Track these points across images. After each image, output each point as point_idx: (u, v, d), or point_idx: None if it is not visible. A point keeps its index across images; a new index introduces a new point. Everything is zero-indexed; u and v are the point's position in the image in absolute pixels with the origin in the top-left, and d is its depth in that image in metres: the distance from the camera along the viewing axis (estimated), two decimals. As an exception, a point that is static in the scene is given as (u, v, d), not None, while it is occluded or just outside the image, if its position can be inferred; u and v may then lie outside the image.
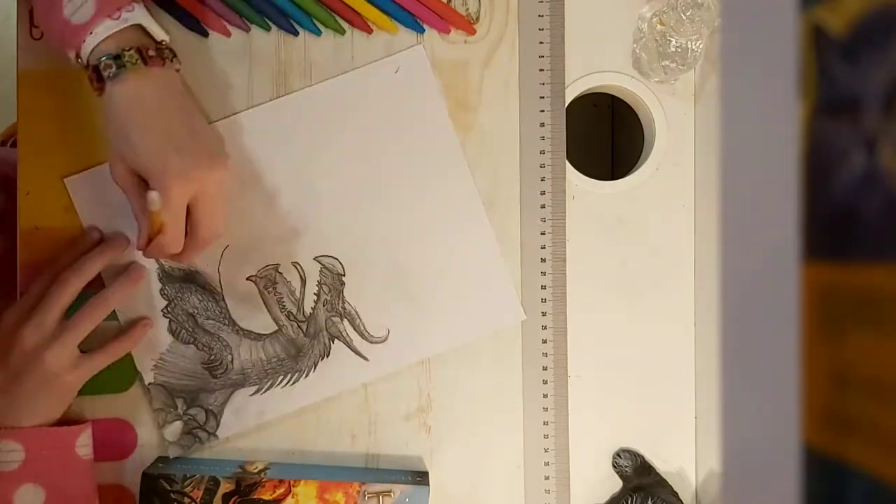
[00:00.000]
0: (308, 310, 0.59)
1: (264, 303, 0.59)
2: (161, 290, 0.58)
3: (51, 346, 0.51)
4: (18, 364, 0.51)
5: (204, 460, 0.59)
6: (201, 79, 0.58)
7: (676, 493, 0.60)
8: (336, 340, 0.59)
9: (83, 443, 0.54)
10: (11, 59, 0.58)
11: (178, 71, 0.53)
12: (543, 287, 0.60)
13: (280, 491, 0.56)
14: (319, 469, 0.59)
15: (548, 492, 0.60)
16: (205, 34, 0.58)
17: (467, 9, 0.60)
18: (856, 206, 0.16)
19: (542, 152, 0.60)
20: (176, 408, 0.58)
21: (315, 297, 0.59)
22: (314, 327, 0.59)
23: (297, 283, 0.59)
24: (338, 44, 0.60)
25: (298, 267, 0.59)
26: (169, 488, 0.56)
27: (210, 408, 0.59)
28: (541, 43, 0.60)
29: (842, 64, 0.16)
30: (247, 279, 0.59)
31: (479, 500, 0.61)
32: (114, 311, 0.57)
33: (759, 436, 0.18)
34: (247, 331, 0.59)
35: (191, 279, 0.59)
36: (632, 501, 0.58)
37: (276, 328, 0.59)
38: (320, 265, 0.59)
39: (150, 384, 0.58)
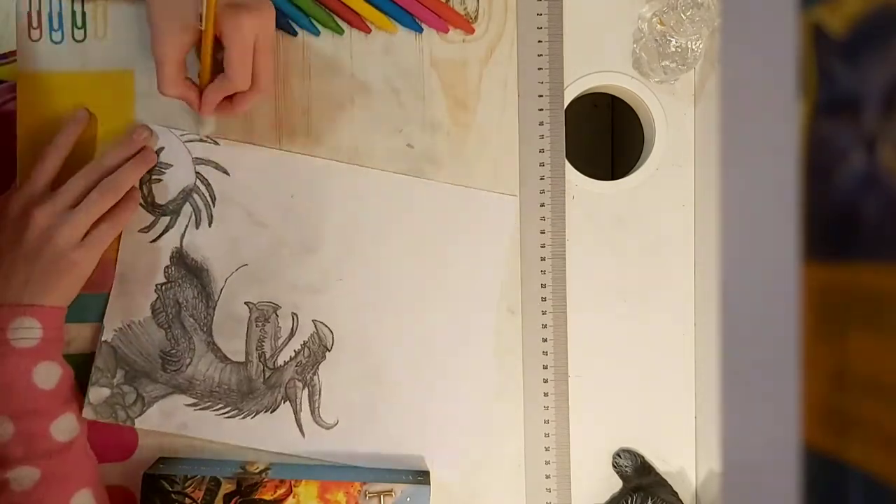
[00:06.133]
0: (280, 362, 0.59)
1: (247, 332, 0.59)
2: (166, 267, 0.59)
3: (61, 226, 0.52)
4: (31, 243, 0.52)
5: (205, 461, 0.59)
6: (201, 79, 0.58)
7: (676, 493, 0.60)
8: (287, 402, 0.59)
9: None
10: (11, 59, 0.58)
11: None
12: (543, 286, 0.60)
13: (281, 491, 0.56)
14: (320, 469, 0.59)
15: (549, 490, 0.60)
16: (204, 34, 0.58)
17: (465, 8, 0.60)
18: (856, 206, 0.16)
19: (542, 152, 0.60)
20: (113, 376, 0.58)
21: (293, 354, 0.59)
22: (276, 379, 0.59)
23: (285, 332, 0.59)
24: (336, 44, 0.60)
25: (296, 319, 0.59)
26: (170, 489, 0.56)
27: (143, 394, 0.58)
28: (539, 42, 0.60)
29: (842, 64, 0.16)
30: (245, 303, 0.59)
31: (481, 499, 0.61)
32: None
33: (759, 436, 0.18)
34: (217, 347, 0.59)
35: (196, 274, 0.59)
36: (632, 501, 0.58)
37: (243, 361, 0.59)
38: (315, 328, 0.59)
39: (104, 341, 0.58)
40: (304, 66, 0.59)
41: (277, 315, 0.59)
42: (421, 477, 0.58)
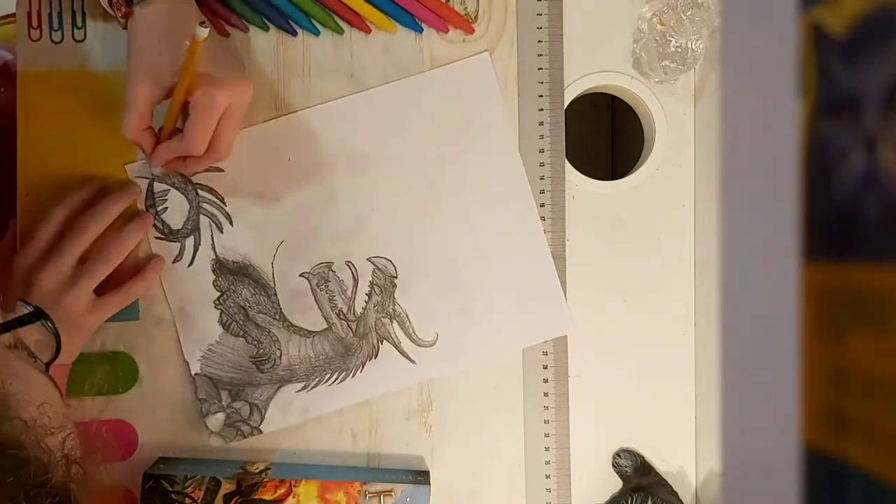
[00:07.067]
0: (359, 309, 0.60)
1: (316, 300, 0.59)
2: (214, 281, 0.59)
3: (67, 292, 0.52)
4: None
5: (205, 461, 0.59)
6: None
7: (676, 493, 0.60)
8: (385, 342, 0.60)
9: None
10: (11, 59, 0.58)
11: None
12: (543, 287, 0.60)
13: (281, 491, 0.56)
14: (320, 469, 0.59)
15: (549, 490, 0.60)
16: (204, 34, 0.58)
17: (465, 8, 0.60)
18: (856, 206, 0.16)
19: (542, 151, 0.60)
20: (220, 399, 0.59)
21: (366, 298, 0.60)
22: (363, 327, 0.60)
23: (349, 283, 0.59)
24: (336, 43, 0.60)
25: (352, 266, 0.59)
26: (170, 489, 0.56)
27: (255, 402, 0.59)
28: (539, 42, 0.60)
29: (842, 64, 0.16)
30: (300, 275, 0.59)
31: (481, 499, 0.61)
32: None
33: (759, 436, 0.18)
34: (297, 327, 0.59)
35: (244, 272, 0.59)
36: (632, 501, 0.58)
37: (326, 326, 0.60)
38: (373, 266, 0.59)
39: (195, 374, 0.59)
40: (304, 66, 0.59)
41: (334, 271, 0.59)
42: (421, 477, 0.58)
